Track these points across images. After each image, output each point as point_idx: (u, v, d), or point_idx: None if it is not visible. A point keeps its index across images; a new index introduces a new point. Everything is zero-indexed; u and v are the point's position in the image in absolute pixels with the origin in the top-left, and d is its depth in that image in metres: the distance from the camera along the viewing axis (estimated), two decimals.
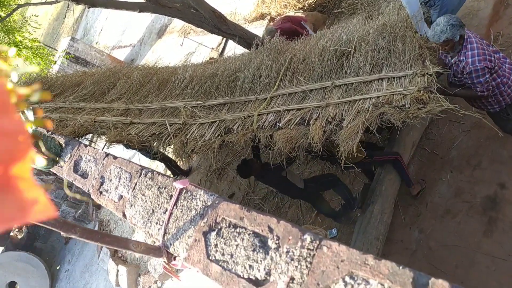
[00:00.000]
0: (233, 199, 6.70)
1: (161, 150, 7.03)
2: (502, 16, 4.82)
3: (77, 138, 4.09)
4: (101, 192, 2.38)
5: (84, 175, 2.62)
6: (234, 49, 7.30)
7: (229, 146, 3.34)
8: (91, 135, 5.88)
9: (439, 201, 4.29)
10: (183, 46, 10.34)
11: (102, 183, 2.41)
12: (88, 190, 2.47)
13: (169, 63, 5.14)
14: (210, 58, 8.00)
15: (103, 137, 3.81)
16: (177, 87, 4.21)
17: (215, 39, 9.46)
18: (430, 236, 4.17)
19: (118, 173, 2.33)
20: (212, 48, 9.44)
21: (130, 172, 2.26)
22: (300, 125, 3.03)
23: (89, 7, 6.36)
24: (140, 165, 2.25)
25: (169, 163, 7.60)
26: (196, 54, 9.80)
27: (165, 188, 2.02)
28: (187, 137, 3.39)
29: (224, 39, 9.07)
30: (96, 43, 16.29)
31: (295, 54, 3.75)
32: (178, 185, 1.91)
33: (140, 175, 2.19)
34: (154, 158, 7.44)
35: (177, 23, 11.71)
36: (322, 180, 4.79)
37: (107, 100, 4.46)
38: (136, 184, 2.17)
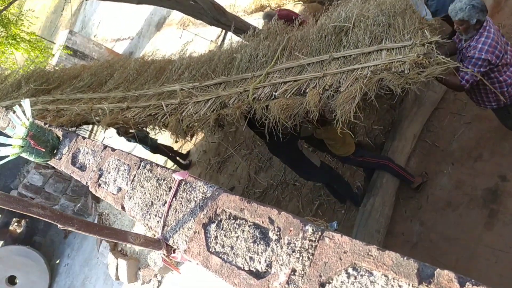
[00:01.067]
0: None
1: (159, 140, 7.00)
2: (503, 7, 4.77)
3: (74, 128, 4.06)
4: (99, 185, 2.35)
5: (82, 168, 2.58)
6: (231, 40, 7.24)
7: (225, 121, 3.28)
8: (90, 126, 5.83)
9: (440, 193, 4.27)
10: (182, 39, 10.27)
11: (100, 176, 2.37)
12: (86, 183, 2.44)
13: (165, 54, 5.09)
14: (209, 51, 7.95)
15: (100, 124, 3.76)
16: (174, 73, 4.16)
17: (214, 32, 9.40)
18: (431, 228, 4.16)
19: (116, 165, 2.30)
20: (211, 41, 9.38)
21: (128, 164, 2.22)
22: (297, 95, 2.96)
23: None
24: (138, 157, 2.22)
25: (169, 158, 7.60)
26: (195, 46, 9.74)
27: (164, 180, 1.99)
28: (183, 114, 3.33)
29: (224, 31, 9.01)
30: (94, 36, 16.19)
31: (293, 34, 3.69)
32: (177, 176, 1.88)
33: (138, 167, 2.16)
34: (154, 152, 7.44)
35: (176, 15, 11.62)
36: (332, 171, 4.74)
37: (104, 90, 4.43)
38: (134, 176, 2.14)
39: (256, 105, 3.03)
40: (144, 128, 3.94)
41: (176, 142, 8.86)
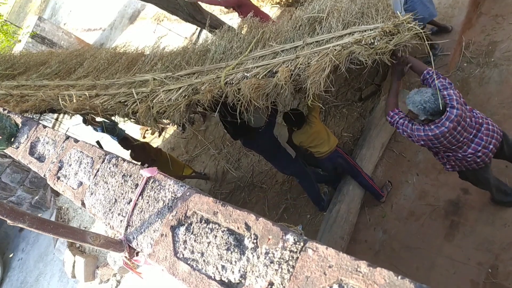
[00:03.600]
0: None
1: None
2: (474, 24, 4.92)
3: (38, 115, 3.85)
4: (58, 178, 2.20)
5: (41, 159, 2.42)
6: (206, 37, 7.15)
7: (195, 107, 3.20)
8: (55, 115, 5.54)
9: (404, 203, 4.34)
10: (155, 33, 10.06)
11: (60, 168, 2.23)
12: (44, 175, 2.28)
13: (138, 46, 4.94)
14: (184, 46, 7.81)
15: (66, 110, 3.56)
16: (147, 64, 4.04)
17: (189, 29, 9.26)
18: (393, 237, 4.22)
19: (78, 157, 2.16)
20: (186, 38, 9.23)
21: (92, 157, 2.09)
22: (269, 77, 2.93)
23: None
24: (104, 150, 2.09)
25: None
26: (170, 42, 9.58)
27: (130, 176, 1.87)
28: (154, 101, 3.23)
29: (199, 29, 8.89)
30: (65, 24, 15.65)
31: (268, 27, 3.69)
32: (145, 173, 1.77)
33: (103, 161, 2.03)
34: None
35: (151, 9, 11.38)
36: (306, 167, 4.71)
37: (72, 78, 4.23)
38: (98, 171, 2.01)
39: (228, 89, 2.97)
40: (112, 117, 3.78)
41: (144, 138, 8.67)
